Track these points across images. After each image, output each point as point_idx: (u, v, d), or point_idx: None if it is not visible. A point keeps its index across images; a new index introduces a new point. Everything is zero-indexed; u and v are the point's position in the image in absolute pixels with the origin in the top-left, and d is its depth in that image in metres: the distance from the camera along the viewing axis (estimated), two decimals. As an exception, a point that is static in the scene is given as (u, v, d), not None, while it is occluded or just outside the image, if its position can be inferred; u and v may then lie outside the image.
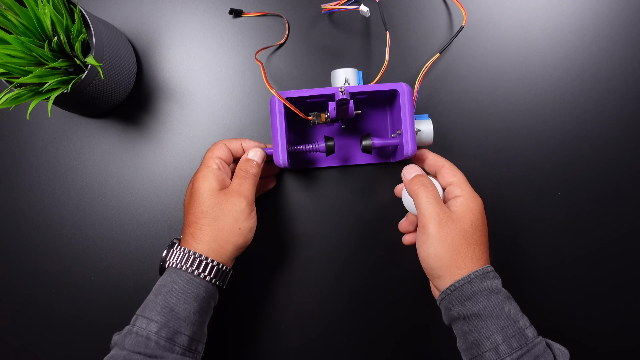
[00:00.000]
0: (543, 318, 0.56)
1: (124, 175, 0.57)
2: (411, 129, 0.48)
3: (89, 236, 0.57)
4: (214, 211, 0.44)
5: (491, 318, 0.40)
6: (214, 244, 0.44)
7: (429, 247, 0.42)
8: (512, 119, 0.57)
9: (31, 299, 0.57)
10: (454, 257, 0.41)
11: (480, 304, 0.40)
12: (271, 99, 0.48)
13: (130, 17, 0.58)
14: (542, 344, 0.40)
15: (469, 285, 0.41)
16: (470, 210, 0.43)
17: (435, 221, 0.42)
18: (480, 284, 0.41)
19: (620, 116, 0.57)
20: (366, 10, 0.51)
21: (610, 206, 0.57)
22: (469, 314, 0.40)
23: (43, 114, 0.58)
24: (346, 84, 0.51)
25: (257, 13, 0.58)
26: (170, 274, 0.43)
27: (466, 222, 0.43)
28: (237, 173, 0.47)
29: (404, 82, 0.48)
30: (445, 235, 0.41)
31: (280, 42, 0.57)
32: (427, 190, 0.43)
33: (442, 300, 0.43)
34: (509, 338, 0.39)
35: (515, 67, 0.57)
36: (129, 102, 0.58)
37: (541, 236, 0.57)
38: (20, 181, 0.57)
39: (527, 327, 0.40)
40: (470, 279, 0.41)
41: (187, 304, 0.42)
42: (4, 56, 0.44)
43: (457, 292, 0.41)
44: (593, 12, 0.57)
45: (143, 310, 0.42)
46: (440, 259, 0.41)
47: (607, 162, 0.57)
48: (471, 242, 0.42)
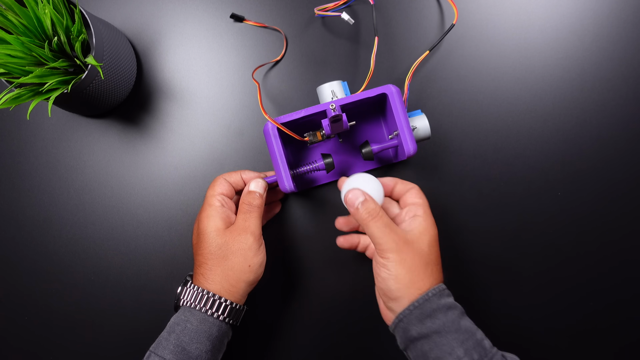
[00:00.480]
0: (543, 317, 0.56)
1: (124, 175, 0.57)
2: (407, 128, 0.47)
3: (89, 236, 0.57)
4: (222, 251, 0.44)
5: (451, 333, 0.40)
6: (225, 284, 0.44)
7: (390, 270, 0.42)
8: (512, 119, 0.57)
9: (31, 299, 0.57)
10: (413, 278, 0.42)
11: (439, 320, 0.40)
12: (265, 127, 0.48)
13: (131, 17, 0.58)
14: (498, 354, 0.41)
15: (427, 304, 0.41)
16: (427, 231, 0.44)
17: (393, 248, 0.42)
18: (438, 302, 0.41)
19: (620, 116, 0.57)
20: (348, 18, 0.51)
21: (610, 206, 0.57)
22: (429, 331, 0.40)
23: (43, 114, 0.58)
24: (334, 98, 0.50)
25: (257, 24, 0.57)
26: (185, 312, 0.43)
27: (423, 243, 0.43)
28: (241, 208, 0.47)
29: (392, 84, 0.48)
30: (404, 258, 0.42)
31: (277, 59, 0.57)
32: (377, 220, 0.42)
33: (400, 322, 0.42)
34: (469, 351, 0.39)
35: (515, 67, 0.57)
36: (129, 102, 0.58)
37: (541, 236, 0.57)
38: (20, 181, 0.57)
39: (484, 338, 0.41)
40: (428, 297, 0.41)
41: (200, 343, 0.42)
42: (4, 56, 0.44)
43: (416, 312, 0.41)
44: (593, 12, 0.57)
45: (156, 348, 0.42)
46: (400, 280, 0.41)
47: (607, 162, 0.57)
48: (429, 263, 0.43)
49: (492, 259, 0.57)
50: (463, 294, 0.56)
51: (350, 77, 0.57)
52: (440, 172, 0.57)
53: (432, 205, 0.53)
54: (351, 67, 0.58)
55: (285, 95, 0.58)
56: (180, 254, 0.57)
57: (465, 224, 0.57)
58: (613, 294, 0.56)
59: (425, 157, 0.57)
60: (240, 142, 0.57)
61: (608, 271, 0.56)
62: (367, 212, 0.43)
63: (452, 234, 0.57)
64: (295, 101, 0.57)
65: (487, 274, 0.57)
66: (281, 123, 0.47)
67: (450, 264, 0.57)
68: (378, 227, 0.42)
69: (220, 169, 0.57)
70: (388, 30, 0.58)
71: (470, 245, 0.57)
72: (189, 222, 0.57)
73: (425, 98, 0.57)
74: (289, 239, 0.57)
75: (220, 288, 0.44)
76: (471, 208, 0.57)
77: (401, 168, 0.57)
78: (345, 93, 0.52)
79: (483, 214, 0.57)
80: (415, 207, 0.46)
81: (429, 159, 0.57)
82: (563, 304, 0.56)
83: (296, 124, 0.49)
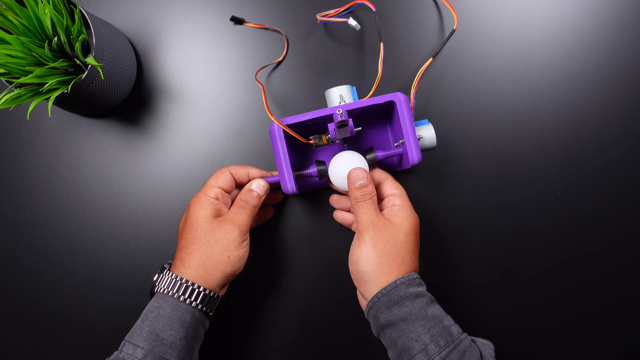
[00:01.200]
0: (543, 317, 0.56)
1: (124, 175, 0.58)
2: (413, 137, 0.47)
3: (89, 236, 0.57)
4: (206, 238, 0.45)
5: (417, 320, 0.41)
6: (201, 270, 0.44)
7: (361, 251, 0.43)
8: (512, 119, 0.57)
9: (31, 299, 0.57)
10: (382, 262, 0.43)
11: (406, 307, 0.41)
12: (270, 128, 0.48)
13: (131, 17, 0.58)
14: (467, 339, 0.41)
15: (395, 291, 0.42)
16: (406, 220, 0.45)
17: (371, 228, 0.44)
18: (406, 290, 0.42)
19: (620, 116, 0.57)
20: (355, 24, 0.51)
21: (610, 206, 0.57)
22: (396, 319, 0.41)
23: (43, 114, 0.58)
24: (342, 102, 0.50)
25: (258, 25, 0.57)
26: (158, 299, 0.44)
27: (400, 231, 0.44)
28: (236, 202, 0.48)
29: (400, 92, 0.48)
30: (377, 241, 0.43)
31: (278, 59, 0.57)
32: (366, 203, 0.45)
33: (370, 309, 0.43)
34: (436, 337, 0.40)
35: (515, 67, 0.57)
36: (129, 102, 0.58)
37: (541, 236, 0.57)
38: (20, 181, 0.57)
39: (452, 325, 0.42)
40: (396, 285, 0.42)
41: (173, 330, 0.42)
42: (5, 56, 0.44)
43: (383, 299, 0.42)
44: (593, 12, 0.57)
45: (130, 336, 0.42)
46: (370, 262, 0.43)
47: (607, 162, 0.57)
48: (401, 251, 0.44)
49: (492, 259, 0.57)
50: (463, 294, 0.56)
51: (353, 80, 0.57)
52: (440, 172, 0.57)
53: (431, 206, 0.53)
54: (355, 71, 0.58)
55: (287, 96, 0.58)
56: (180, 254, 0.57)
57: (465, 224, 0.57)
58: (613, 294, 0.56)
59: (425, 157, 0.57)
60: (240, 142, 0.57)
61: (608, 271, 0.56)
62: (362, 193, 0.45)
63: (452, 234, 0.57)
64: (298, 103, 0.57)
65: (486, 273, 0.57)
66: (287, 125, 0.47)
67: (450, 264, 0.57)
68: (364, 208, 0.45)
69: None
70: (389, 35, 0.58)
71: (470, 245, 0.57)
72: (189, 222, 0.57)
73: (425, 98, 0.57)
74: (286, 238, 0.57)
75: (196, 274, 0.44)
76: (471, 208, 0.57)
77: (406, 175, 0.57)
78: (353, 98, 0.51)
79: (483, 214, 0.57)
80: (394, 197, 0.47)
81: (429, 159, 0.57)
82: (563, 304, 0.56)
83: (302, 126, 0.49)
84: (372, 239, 0.43)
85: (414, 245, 0.45)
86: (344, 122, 0.45)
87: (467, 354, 0.40)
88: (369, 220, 0.44)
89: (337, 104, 0.50)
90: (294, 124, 0.48)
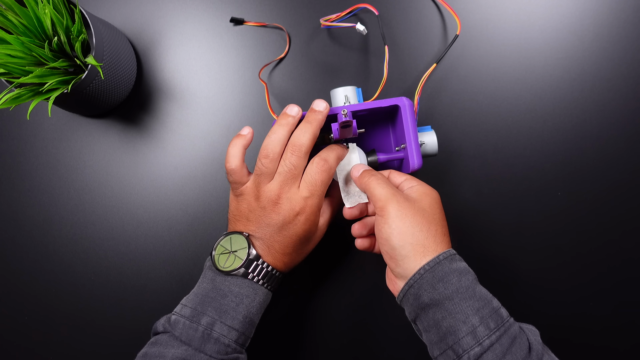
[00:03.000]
0: (543, 318, 0.56)
1: (124, 175, 0.58)
2: (415, 143, 0.47)
3: (89, 236, 0.57)
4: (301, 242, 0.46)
5: (465, 300, 0.37)
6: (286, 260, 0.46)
7: (391, 226, 0.40)
8: (512, 119, 0.57)
9: (31, 299, 0.57)
10: (416, 233, 0.39)
11: (453, 285, 0.38)
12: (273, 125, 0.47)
13: (131, 17, 0.58)
14: (516, 324, 0.38)
15: (439, 267, 0.38)
16: (427, 195, 0.43)
17: (393, 201, 0.40)
18: (450, 266, 0.39)
19: (620, 116, 0.57)
20: (362, 28, 0.51)
21: (610, 206, 0.57)
22: (441, 297, 0.38)
23: (43, 114, 0.58)
24: (347, 103, 0.50)
25: (258, 23, 0.57)
26: (253, 286, 0.44)
27: (424, 203, 0.42)
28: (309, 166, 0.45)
29: (404, 96, 0.48)
30: (405, 213, 0.40)
31: (281, 56, 0.57)
32: (377, 177, 0.43)
33: (411, 287, 0.40)
34: (485, 319, 0.37)
35: (515, 68, 0.57)
36: (129, 102, 0.58)
37: (541, 236, 0.57)
38: (20, 181, 0.57)
39: (500, 307, 0.39)
40: (439, 260, 0.39)
41: (260, 314, 0.45)
42: (5, 56, 0.44)
43: (427, 276, 0.38)
44: (593, 12, 0.57)
45: (222, 316, 0.42)
46: (403, 234, 0.39)
47: (607, 162, 0.57)
48: (432, 222, 0.41)
49: (492, 259, 0.57)
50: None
51: (356, 82, 0.57)
52: (440, 172, 0.57)
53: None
54: (358, 73, 0.58)
55: (289, 95, 0.57)
56: (180, 254, 0.57)
57: (465, 224, 0.57)
58: (614, 295, 0.56)
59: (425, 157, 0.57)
60: (240, 142, 0.57)
61: (607, 271, 0.56)
62: (369, 173, 0.44)
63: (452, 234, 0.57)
64: (300, 102, 0.57)
65: (486, 273, 0.56)
66: None
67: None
68: (377, 181, 0.42)
69: (220, 168, 0.57)
70: (391, 38, 0.58)
71: (470, 245, 0.57)
72: (189, 222, 0.57)
73: (426, 99, 0.57)
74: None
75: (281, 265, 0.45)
76: (471, 208, 0.57)
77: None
78: (358, 100, 0.51)
79: (483, 214, 0.57)
80: (406, 181, 0.46)
81: (428, 158, 0.57)
82: (562, 304, 0.56)
83: None
84: (397, 210, 0.40)
85: (442, 218, 0.43)
86: (348, 123, 0.45)
87: (517, 340, 0.37)
88: (387, 193, 0.41)
89: (341, 104, 0.50)
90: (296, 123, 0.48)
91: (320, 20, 0.55)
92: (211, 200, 0.57)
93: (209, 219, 0.57)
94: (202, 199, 0.57)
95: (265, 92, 0.51)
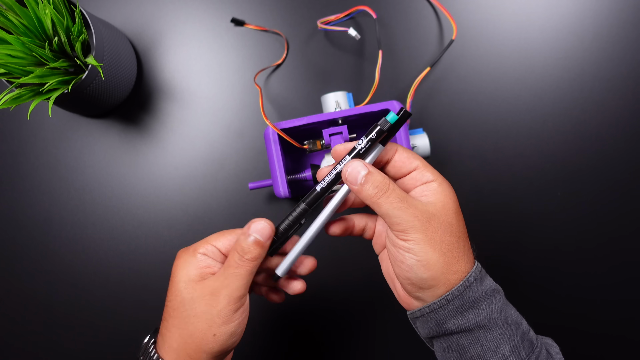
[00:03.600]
0: (542, 319, 0.56)
1: (125, 175, 0.58)
2: (407, 146, 0.47)
3: (89, 236, 0.57)
4: (185, 310, 0.35)
5: (497, 327, 0.34)
6: (182, 353, 0.35)
7: (418, 254, 0.33)
8: (512, 119, 0.57)
9: (31, 299, 0.57)
10: (447, 260, 0.33)
11: (484, 311, 0.33)
12: (265, 131, 0.48)
13: (131, 18, 0.58)
14: (543, 348, 0.36)
15: (469, 292, 0.34)
16: (449, 197, 0.35)
17: (417, 226, 0.33)
18: (480, 287, 0.34)
19: (620, 116, 0.57)
20: (355, 33, 0.51)
21: (610, 206, 0.57)
22: (471, 325, 0.33)
23: (44, 114, 0.58)
24: (337, 109, 0.50)
25: (258, 27, 0.58)
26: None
27: (449, 214, 0.34)
28: (229, 257, 0.36)
29: (395, 100, 0.48)
30: (433, 236, 0.33)
31: (278, 62, 0.57)
32: (389, 194, 0.33)
33: (433, 312, 0.34)
34: (517, 347, 0.33)
35: (515, 68, 0.57)
36: (129, 102, 0.58)
37: (541, 235, 0.57)
38: (20, 181, 0.57)
39: (529, 329, 0.36)
40: (469, 284, 0.34)
41: None
42: (5, 56, 0.44)
43: (455, 302, 0.33)
44: (593, 12, 0.57)
45: None
46: (432, 265, 0.33)
47: (607, 162, 0.57)
48: (460, 238, 0.35)
49: (492, 259, 0.57)
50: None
51: (351, 86, 0.57)
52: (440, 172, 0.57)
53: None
54: (353, 77, 0.58)
55: (285, 99, 0.58)
56: (181, 254, 0.57)
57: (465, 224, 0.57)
58: (614, 294, 0.56)
59: (425, 158, 0.57)
60: (241, 142, 0.57)
61: (607, 270, 0.56)
62: (375, 186, 0.33)
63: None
64: (296, 105, 0.57)
65: (487, 274, 0.57)
66: (282, 129, 0.47)
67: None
68: (392, 202, 0.33)
69: (220, 168, 0.57)
70: (389, 42, 0.58)
71: (470, 245, 0.57)
72: (189, 222, 0.57)
73: (425, 98, 0.57)
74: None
75: (177, 358, 0.35)
76: (471, 208, 0.57)
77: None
78: (349, 104, 0.52)
79: (482, 214, 0.57)
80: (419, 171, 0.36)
81: (428, 159, 0.57)
82: (562, 304, 0.56)
83: (297, 130, 0.49)
84: (425, 236, 0.33)
85: (464, 225, 0.36)
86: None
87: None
88: (409, 216, 0.33)
89: (333, 110, 0.51)
90: (288, 129, 0.48)
91: (318, 22, 0.55)
92: (211, 200, 0.57)
93: (209, 219, 0.57)
94: (202, 199, 0.57)
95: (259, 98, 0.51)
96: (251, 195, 0.57)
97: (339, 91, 0.51)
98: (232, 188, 0.57)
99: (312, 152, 0.50)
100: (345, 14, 0.55)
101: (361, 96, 0.57)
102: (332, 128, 0.47)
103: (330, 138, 0.47)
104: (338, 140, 0.47)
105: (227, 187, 0.57)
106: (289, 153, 0.54)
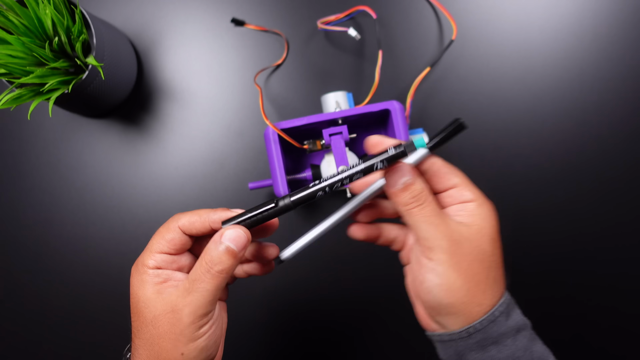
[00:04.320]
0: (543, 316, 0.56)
1: (125, 175, 0.58)
2: None
3: (90, 236, 0.57)
4: (149, 331, 0.31)
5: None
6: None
7: (440, 276, 0.31)
8: (512, 119, 0.57)
9: (31, 299, 0.57)
10: (472, 289, 0.31)
11: (508, 349, 0.31)
12: (265, 131, 0.48)
13: (131, 18, 0.58)
14: None
15: (493, 327, 0.31)
16: (486, 221, 0.32)
17: (444, 247, 0.31)
18: (507, 323, 0.32)
19: (620, 116, 0.57)
20: (355, 34, 0.51)
21: (610, 206, 0.57)
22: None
23: (44, 114, 0.58)
24: (337, 109, 0.51)
25: (259, 27, 0.58)
26: None
27: (484, 240, 0.32)
28: (196, 266, 0.31)
29: (395, 100, 0.48)
30: (460, 261, 0.31)
31: (278, 62, 0.57)
32: (424, 207, 0.31)
33: (452, 341, 0.32)
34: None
35: (515, 68, 0.57)
36: (130, 102, 0.58)
37: (541, 236, 0.57)
38: (21, 181, 0.58)
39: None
40: (494, 318, 0.31)
41: None
42: (5, 56, 0.44)
43: (477, 336, 0.31)
44: (592, 12, 0.57)
45: None
46: (454, 292, 0.31)
47: (607, 162, 0.57)
48: (492, 267, 0.32)
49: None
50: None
51: (351, 86, 0.57)
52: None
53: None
54: (353, 77, 0.58)
55: (286, 99, 0.58)
56: (181, 253, 0.57)
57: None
58: (613, 294, 0.56)
59: (425, 157, 0.57)
60: (241, 142, 0.57)
61: (608, 271, 0.56)
62: (413, 196, 0.31)
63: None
64: (296, 105, 0.57)
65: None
66: (282, 129, 0.47)
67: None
68: (425, 216, 0.31)
69: (220, 168, 0.57)
70: (388, 42, 0.58)
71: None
72: (189, 222, 0.57)
73: (425, 98, 0.57)
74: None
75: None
76: (471, 208, 0.57)
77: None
78: (349, 105, 0.52)
79: (483, 213, 0.57)
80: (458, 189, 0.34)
81: (428, 159, 0.57)
82: (562, 304, 0.56)
83: (297, 130, 0.49)
84: (451, 258, 0.31)
85: (500, 255, 0.33)
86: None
87: None
88: (439, 233, 0.31)
89: (332, 110, 0.51)
90: (288, 129, 0.48)
91: (318, 22, 0.55)
92: (211, 200, 0.57)
93: (209, 219, 0.57)
94: (202, 199, 0.57)
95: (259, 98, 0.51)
96: (251, 195, 0.57)
97: (339, 91, 0.51)
98: (232, 188, 0.57)
99: (312, 152, 0.50)
100: (345, 14, 0.55)
101: (361, 96, 0.57)
102: (332, 128, 0.47)
103: (330, 138, 0.47)
104: (338, 140, 0.47)
105: (227, 187, 0.57)
106: (289, 153, 0.54)
